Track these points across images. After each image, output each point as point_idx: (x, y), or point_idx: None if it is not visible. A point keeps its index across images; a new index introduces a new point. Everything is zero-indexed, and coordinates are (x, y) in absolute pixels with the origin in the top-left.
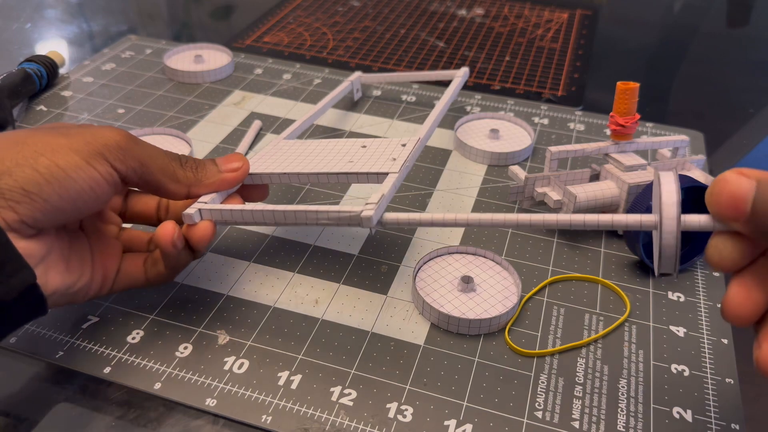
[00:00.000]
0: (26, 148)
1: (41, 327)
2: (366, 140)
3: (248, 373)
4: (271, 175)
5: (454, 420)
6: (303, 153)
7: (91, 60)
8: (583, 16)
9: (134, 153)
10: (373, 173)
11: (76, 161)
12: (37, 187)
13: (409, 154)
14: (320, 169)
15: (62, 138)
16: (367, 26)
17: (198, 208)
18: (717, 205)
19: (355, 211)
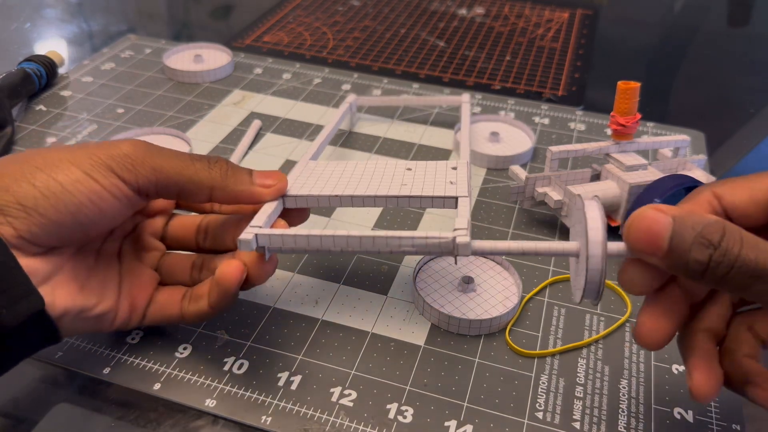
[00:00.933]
0: (26, 164)
1: None
2: (409, 162)
3: (248, 373)
4: (319, 198)
5: (454, 421)
6: (343, 175)
7: (90, 60)
8: (584, 15)
9: (146, 161)
10: (438, 197)
11: (75, 175)
12: (34, 202)
13: (467, 176)
14: (376, 192)
15: (65, 153)
16: (367, 26)
17: (254, 234)
18: (635, 240)
19: (446, 238)
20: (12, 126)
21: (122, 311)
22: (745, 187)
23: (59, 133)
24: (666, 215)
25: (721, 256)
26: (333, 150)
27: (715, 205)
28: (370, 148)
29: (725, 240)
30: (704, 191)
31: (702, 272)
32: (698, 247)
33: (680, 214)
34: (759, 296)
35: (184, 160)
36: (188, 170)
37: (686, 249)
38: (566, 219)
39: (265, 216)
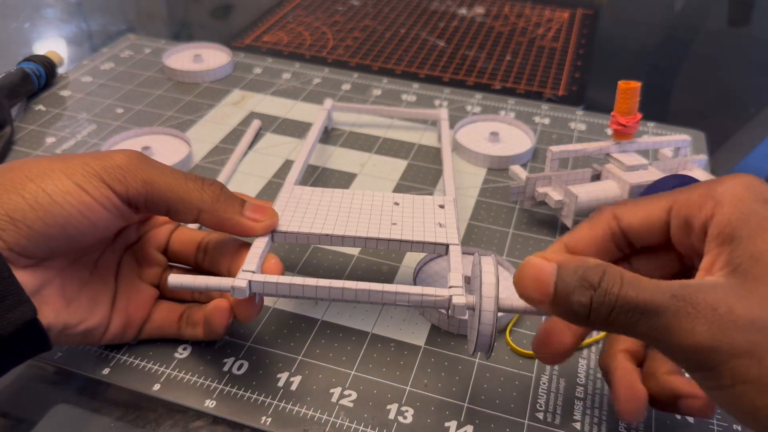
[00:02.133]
0: (16, 173)
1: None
2: (396, 196)
3: (247, 374)
4: (309, 236)
5: (454, 421)
6: (331, 207)
7: (89, 59)
8: (584, 15)
9: (137, 173)
10: (429, 243)
11: (65, 186)
12: (22, 214)
13: (455, 218)
14: (367, 232)
15: (58, 162)
16: (367, 25)
17: (248, 280)
18: (524, 289)
19: (442, 297)
20: (11, 126)
21: (114, 326)
22: (641, 209)
23: (59, 133)
24: (550, 262)
25: (602, 296)
26: (333, 150)
27: (614, 225)
28: (370, 148)
29: (605, 281)
30: (606, 212)
31: (587, 315)
32: (580, 290)
33: (563, 260)
34: (645, 335)
35: (177, 178)
36: (180, 188)
37: (570, 293)
38: (566, 219)
39: (256, 258)
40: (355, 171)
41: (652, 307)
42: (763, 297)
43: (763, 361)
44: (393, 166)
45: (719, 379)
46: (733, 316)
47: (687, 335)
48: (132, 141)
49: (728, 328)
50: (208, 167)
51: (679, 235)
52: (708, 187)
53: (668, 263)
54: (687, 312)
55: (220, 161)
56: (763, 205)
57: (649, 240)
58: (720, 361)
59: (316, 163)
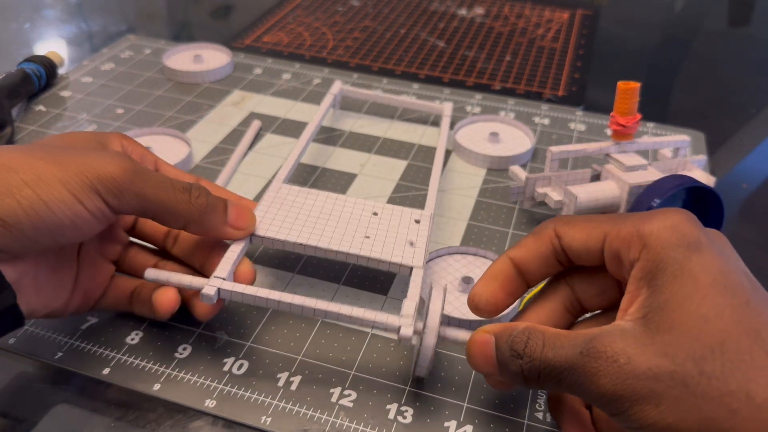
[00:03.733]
0: (14, 175)
1: (40, 328)
2: (376, 205)
3: (248, 374)
4: (284, 242)
5: (454, 421)
6: (311, 213)
7: (90, 60)
8: (584, 15)
9: (132, 187)
10: (395, 263)
11: (62, 195)
12: (15, 219)
13: (426, 236)
14: (338, 245)
15: (55, 166)
16: (367, 26)
17: (217, 287)
18: (475, 366)
19: (392, 325)
20: (12, 126)
21: (74, 305)
22: (582, 231)
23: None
24: (489, 335)
25: (528, 363)
26: (333, 150)
27: (556, 243)
28: (370, 149)
29: (528, 347)
30: (548, 227)
31: (523, 381)
32: (511, 359)
33: (498, 330)
34: (572, 389)
35: (167, 190)
36: (170, 201)
37: (506, 363)
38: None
39: (230, 264)
40: (355, 171)
41: (567, 365)
42: (662, 345)
43: (660, 406)
44: (393, 166)
45: (628, 422)
46: (632, 366)
47: (594, 387)
48: None
49: (628, 378)
50: (209, 167)
51: (611, 266)
52: (637, 224)
53: (608, 288)
54: (592, 367)
55: (220, 161)
56: (684, 252)
57: (587, 262)
58: (625, 407)
59: (316, 163)
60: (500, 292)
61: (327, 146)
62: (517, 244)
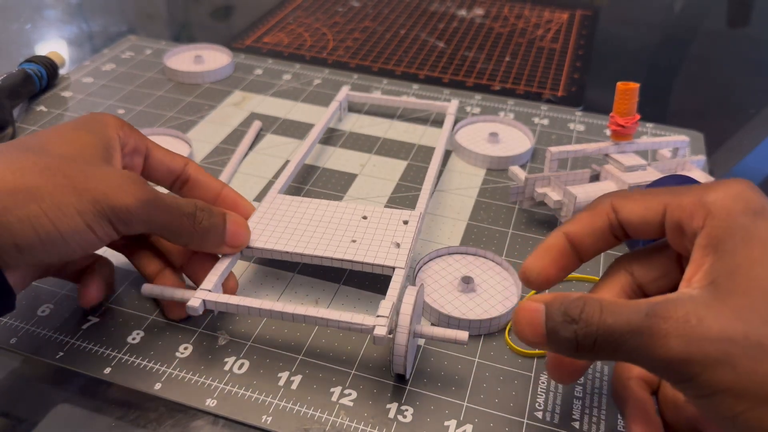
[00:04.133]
0: (35, 205)
1: (41, 327)
2: (366, 209)
3: (248, 373)
4: (273, 252)
5: (454, 420)
6: (302, 221)
7: (91, 60)
8: (583, 16)
9: (143, 216)
10: (378, 265)
11: (76, 225)
12: (30, 246)
13: (413, 237)
14: (323, 251)
15: (74, 196)
16: (367, 26)
17: (202, 299)
18: (521, 334)
19: (366, 326)
20: (13, 127)
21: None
22: (640, 204)
23: None
24: (539, 303)
25: (584, 329)
26: (333, 150)
27: (612, 217)
28: (370, 149)
29: (585, 312)
30: (604, 201)
31: (574, 348)
32: (564, 325)
33: (550, 299)
34: (628, 356)
35: (173, 215)
36: (174, 224)
37: (557, 330)
38: (565, 219)
39: (216, 277)
40: (356, 171)
41: (629, 328)
42: (734, 308)
43: (737, 368)
44: (393, 166)
45: (699, 389)
46: (704, 328)
47: (662, 350)
48: None
49: (700, 339)
50: (209, 167)
51: (673, 237)
52: (700, 194)
53: (670, 271)
54: (660, 328)
55: (221, 162)
56: (751, 218)
57: (645, 235)
58: (696, 372)
59: (317, 164)
60: (552, 266)
61: (327, 146)
62: (571, 219)
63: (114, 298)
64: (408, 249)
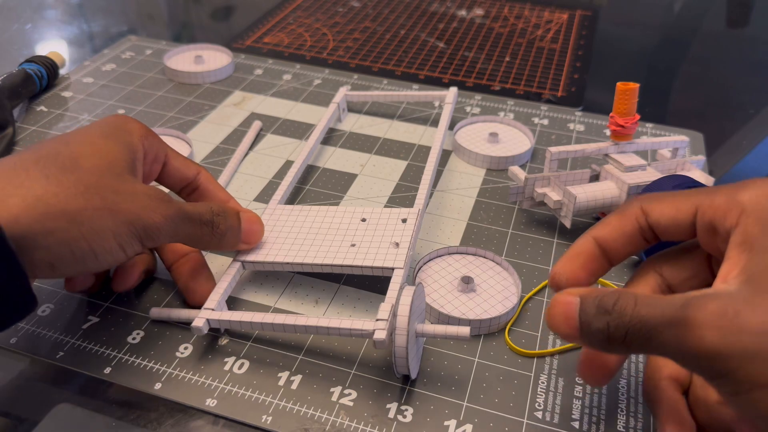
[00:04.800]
0: (73, 227)
1: (41, 327)
2: (365, 211)
3: (248, 373)
4: (274, 264)
5: (454, 420)
6: (302, 229)
7: (91, 61)
8: (583, 16)
9: (169, 231)
10: (377, 267)
11: (111, 247)
12: (64, 265)
13: (412, 235)
14: (323, 259)
15: (109, 218)
16: (367, 27)
17: (206, 318)
18: (554, 327)
19: (366, 330)
20: (13, 127)
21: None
22: (671, 206)
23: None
24: (574, 296)
25: (616, 320)
26: (333, 150)
27: (642, 220)
28: (370, 149)
29: (618, 304)
30: (633, 205)
31: (606, 340)
32: (597, 317)
33: (585, 292)
34: (660, 349)
35: (195, 226)
36: (195, 234)
37: (590, 322)
38: (565, 219)
39: (219, 295)
40: (356, 171)
41: (663, 320)
42: None
43: None
44: (393, 166)
45: (735, 384)
46: (742, 321)
47: (697, 342)
48: None
49: (738, 333)
50: (210, 168)
51: (705, 238)
52: (732, 193)
53: (700, 271)
54: (695, 319)
55: (221, 162)
56: None
57: (676, 237)
58: (733, 366)
59: (316, 164)
60: (581, 271)
61: (327, 146)
62: (600, 223)
63: (114, 299)
64: (407, 248)
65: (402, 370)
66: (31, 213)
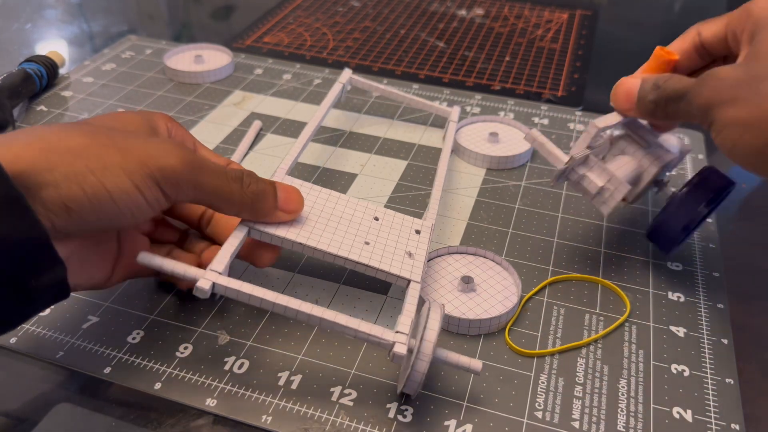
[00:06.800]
0: (80, 162)
1: (42, 327)
2: (378, 210)
3: (248, 373)
4: (284, 240)
5: (454, 420)
6: (313, 210)
7: (91, 60)
8: (583, 16)
9: (190, 178)
10: (393, 274)
11: (124, 185)
12: (79, 206)
13: (426, 249)
14: (337, 249)
15: (118, 155)
16: (367, 26)
17: (212, 281)
18: (617, 102)
19: (386, 341)
20: (13, 126)
21: (117, 275)
22: (715, 23)
23: None
24: (636, 79)
25: (662, 92)
26: (333, 150)
27: (696, 40)
28: (370, 149)
29: (666, 82)
30: (693, 28)
31: (654, 107)
32: (651, 92)
33: (645, 76)
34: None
35: (222, 179)
36: (225, 190)
37: (645, 96)
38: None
39: (227, 257)
40: (356, 171)
41: (688, 89)
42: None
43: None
44: (393, 166)
45: (716, 126)
46: (724, 79)
47: (699, 99)
48: None
49: (721, 87)
50: None
51: (733, 44)
52: (747, 5)
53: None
54: (700, 85)
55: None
56: None
57: (719, 51)
58: (714, 114)
59: (317, 163)
60: None
61: (327, 146)
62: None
63: (114, 298)
64: (422, 261)
65: (411, 391)
66: (32, 148)
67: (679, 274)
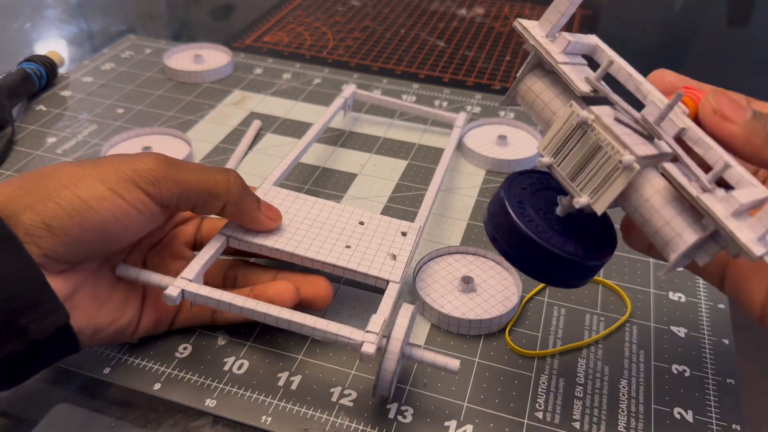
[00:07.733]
0: (51, 181)
1: None
2: (364, 214)
3: (248, 373)
4: (261, 246)
5: (454, 421)
6: (296, 218)
7: (90, 60)
8: (584, 15)
9: (169, 174)
10: (371, 276)
11: (100, 192)
12: (58, 221)
13: (410, 250)
14: (315, 254)
15: (90, 168)
16: (367, 26)
17: (181, 288)
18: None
19: (355, 341)
20: (12, 126)
21: (145, 322)
22: None
23: (59, 133)
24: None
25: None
26: (333, 150)
27: None
28: (370, 149)
29: None
30: None
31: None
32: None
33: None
34: None
35: (204, 173)
36: (209, 183)
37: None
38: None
39: (199, 266)
40: (356, 171)
41: None
42: None
43: None
44: (393, 166)
45: None
46: None
47: None
48: (133, 141)
49: None
50: None
51: None
52: None
53: None
54: None
55: (220, 161)
56: None
57: None
58: None
59: (317, 163)
60: None
61: (327, 146)
62: None
63: None
64: (404, 263)
65: (383, 391)
66: (10, 183)
67: (679, 274)
